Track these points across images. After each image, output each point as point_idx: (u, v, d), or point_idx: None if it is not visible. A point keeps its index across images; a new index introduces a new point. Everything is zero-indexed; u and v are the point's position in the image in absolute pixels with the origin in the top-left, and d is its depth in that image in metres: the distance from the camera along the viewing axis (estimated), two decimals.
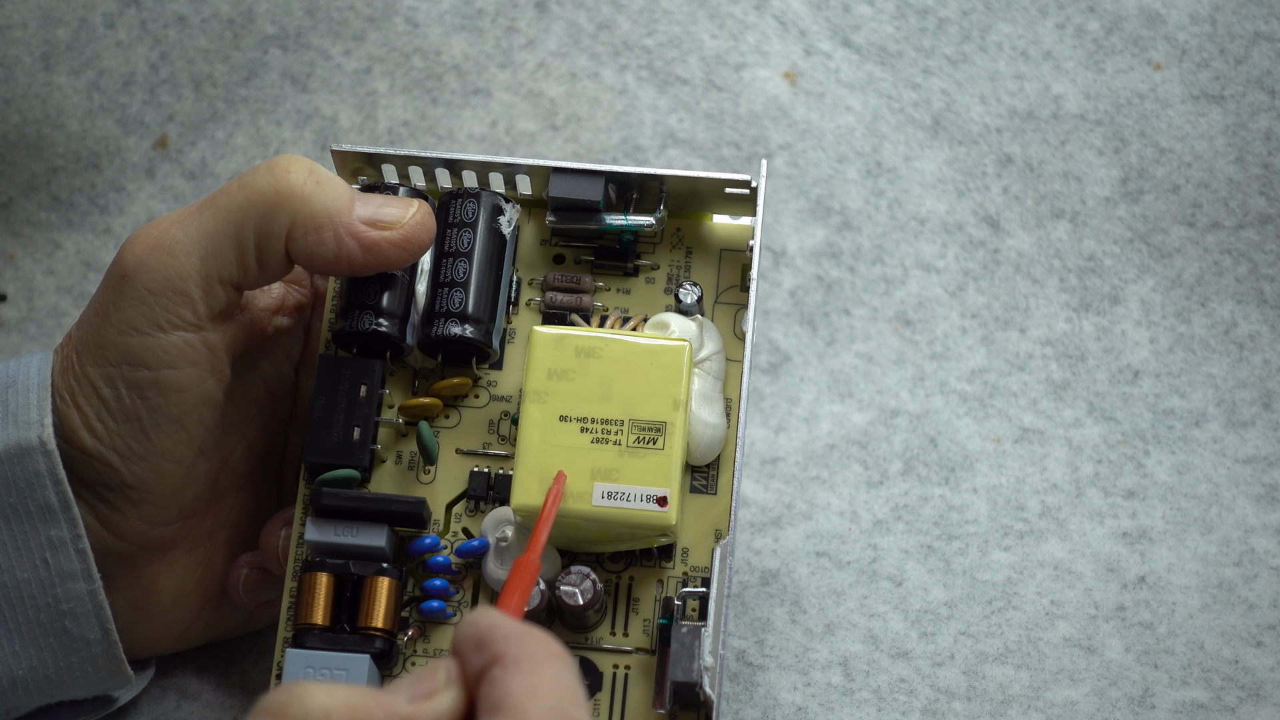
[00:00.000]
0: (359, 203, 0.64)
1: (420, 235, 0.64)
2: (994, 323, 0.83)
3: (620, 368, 0.64)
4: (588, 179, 0.67)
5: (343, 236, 0.63)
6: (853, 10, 0.89)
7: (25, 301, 0.85)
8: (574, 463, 0.62)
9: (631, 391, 0.63)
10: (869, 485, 0.79)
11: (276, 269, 0.64)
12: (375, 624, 0.62)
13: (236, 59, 0.88)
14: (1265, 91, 0.85)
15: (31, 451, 0.63)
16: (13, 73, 0.86)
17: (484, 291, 0.66)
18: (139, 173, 0.87)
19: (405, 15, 0.88)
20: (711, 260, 0.69)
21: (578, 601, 0.61)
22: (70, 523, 0.63)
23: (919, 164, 0.86)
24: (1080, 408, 0.81)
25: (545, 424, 0.63)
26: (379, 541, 0.63)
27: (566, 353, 0.64)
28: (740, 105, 0.87)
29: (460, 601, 0.64)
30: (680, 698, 0.60)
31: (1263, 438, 0.80)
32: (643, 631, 0.62)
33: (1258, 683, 0.73)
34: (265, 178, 0.63)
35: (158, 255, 0.63)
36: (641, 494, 0.62)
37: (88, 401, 0.63)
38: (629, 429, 0.63)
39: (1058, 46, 0.87)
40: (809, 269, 0.84)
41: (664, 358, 0.64)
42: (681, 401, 0.63)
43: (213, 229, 0.63)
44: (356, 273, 0.65)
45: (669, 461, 0.62)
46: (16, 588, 0.63)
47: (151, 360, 0.63)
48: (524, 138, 0.87)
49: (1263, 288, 0.83)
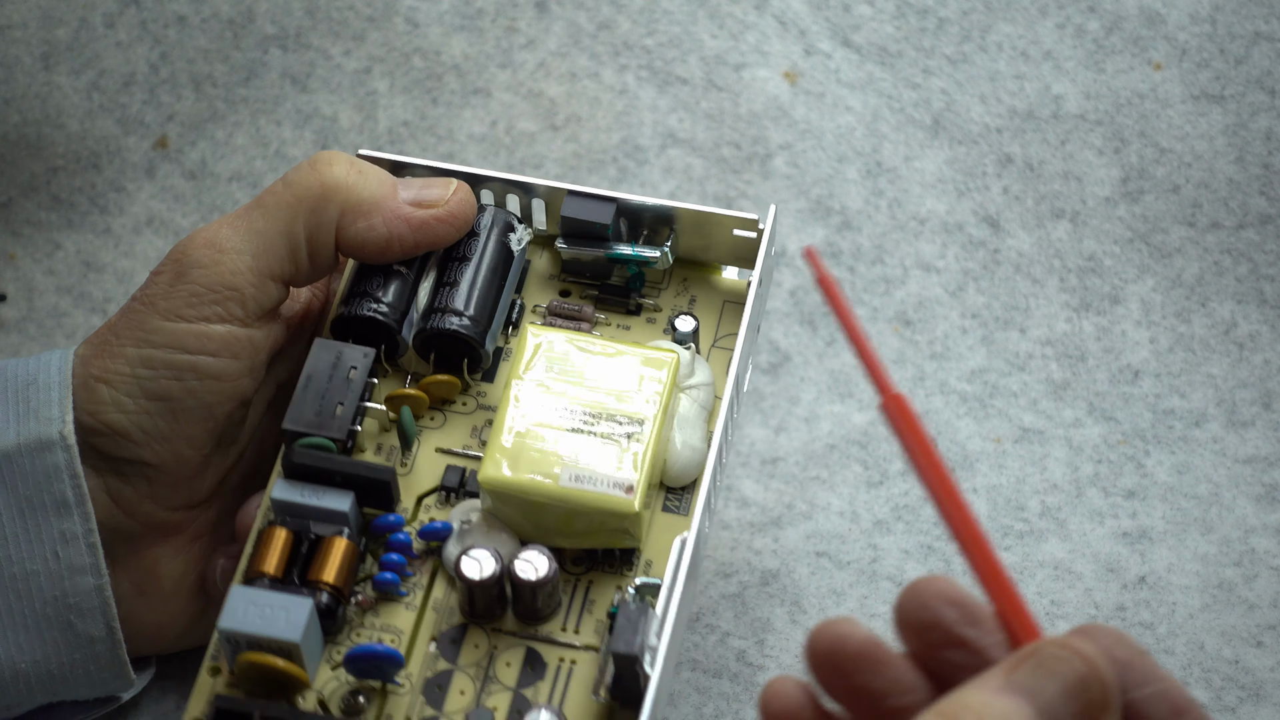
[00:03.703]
0: (401, 187, 0.66)
1: (464, 210, 0.67)
2: (994, 323, 0.83)
3: (608, 368, 0.64)
4: (599, 203, 0.68)
5: (392, 220, 0.66)
6: (853, 10, 0.89)
7: (25, 301, 0.85)
8: (548, 445, 0.63)
9: (615, 389, 0.64)
10: (869, 485, 0.79)
11: (326, 263, 0.66)
12: (325, 578, 0.62)
13: (236, 59, 0.88)
14: (1265, 91, 0.85)
15: (51, 446, 0.64)
16: (13, 73, 0.86)
17: (484, 296, 0.66)
18: (139, 173, 0.87)
19: (405, 15, 0.89)
20: (714, 308, 0.69)
21: (530, 577, 0.61)
22: (84, 517, 0.64)
23: (919, 164, 0.86)
24: (1080, 408, 0.81)
25: (525, 405, 0.63)
26: (343, 506, 0.63)
27: (557, 350, 0.65)
28: (740, 105, 0.87)
29: (415, 584, 0.63)
30: (620, 680, 0.59)
31: (1263, 438, 0.80)
32: (594, 631, 0.62)
33: (1258, 683, 0.73)
34: (309, 174, 0.65)
35: (211, 254, 0.65)
36: (609, 480, 0.62)
37: (121, 379, 0.64)
38: (606, 420, 0.63)
39: (1058, 46, 0.87)
40: (809, 269, 0.85)
41: (652, 364, 0.64)
42: (662, 404, 0.63)
43: (263, 228, 0.65)
44: (408, 254, 0.66)
45: (641, 456, 0.62)
46: (26, 580, 0.63)
47: (194, 345, 0.64)
48: (524, 138, 0.87)
49: (1263, 288, 0.83)
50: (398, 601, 0.63)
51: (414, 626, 0.63)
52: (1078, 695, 0.46)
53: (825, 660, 0.49)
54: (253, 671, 0.61)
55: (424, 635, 0.63)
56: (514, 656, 0.62)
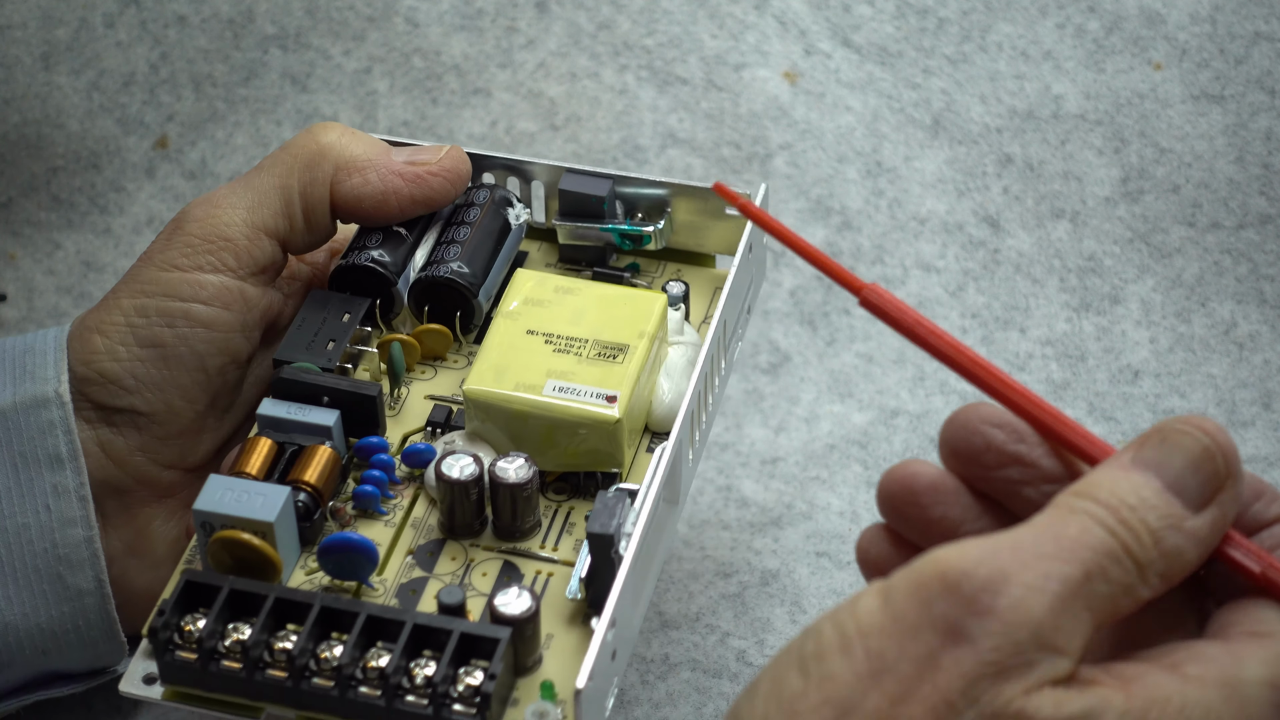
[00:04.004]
0: (393, 152, 0.68)
1: (459, 167, 0.68)
2: (994, 323, 0.83)
3: (595, 304, 0.66)
4: (597, 180, 0.70)
5: (386, 174, 0.67)
6: (853, 10, 0.89)
7: (25, 301, 0.85)
8: (533, 364, 0.63)
9: (601, 322, 0.65)
10: (869, 485, 0.79)
11: (321, 224, 0.67)
12: (306, 478, 0.62)
13: (236, 59, 0.88)
14: (1265, 91, 0.85)
15: (47, 403, 0.65)
16: (13, 73, 0.86)
17: (480, 255, 0.68)
18: (139, 173, 0.87)
19: (405, 15, 0.89)
20: (705, 294, 0.70)
21: (510, 479, 0.61)
22: (76, 471, 0.64)
23: (919, 164, 0.86)
24: (1080, 408, 0.81)
25: (511, 334, 0.65)
26: (328, 421, 0.63)
27: (545, 288, 0.66)
28: (740, 105, 0.87)
29: (396, 506, 0.64)
30: (594, 572, 0.59)
31: (1263, 438, 0.80)
32: (572, 550, 0.63)
33: None
34: (304, 137, 0.68)
35: (206, 209, 0.66)
36: (592, 392, 0.63)
37: (115, 328, 0.65)
38: (592, 346, 0.64)
39: (1058, 46, 0.87)
40: (809, 269, 0.85)
41: (639, 302, 0.66)
42: (648, 333, 0.64)
43: (258, 184, 0.67)
44: (405, 211, 0.68)
45: (625, 371, 0.63)
46: (17, 533, 0.64)
47: (187, 293, 0.65)
48: (524, 138, 0.87)
49: (1263, 288, 0.83)
50: (376, 519, 0.63)
51: (392, 540, 0.63)
52: (1202, 466, 0.49)
53: (900, 499, 0.52)
54: (225, 553, 0.60)
55: (401, 549, 0.63)
56: (490, 568, 0.62)
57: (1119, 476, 0.49)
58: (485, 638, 0.57)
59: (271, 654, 0.58)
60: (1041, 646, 0.46)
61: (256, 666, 0.58)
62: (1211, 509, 0.49)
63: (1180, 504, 0.49)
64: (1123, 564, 0.48)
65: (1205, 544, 0.49)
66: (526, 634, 0.58)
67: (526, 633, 0.58)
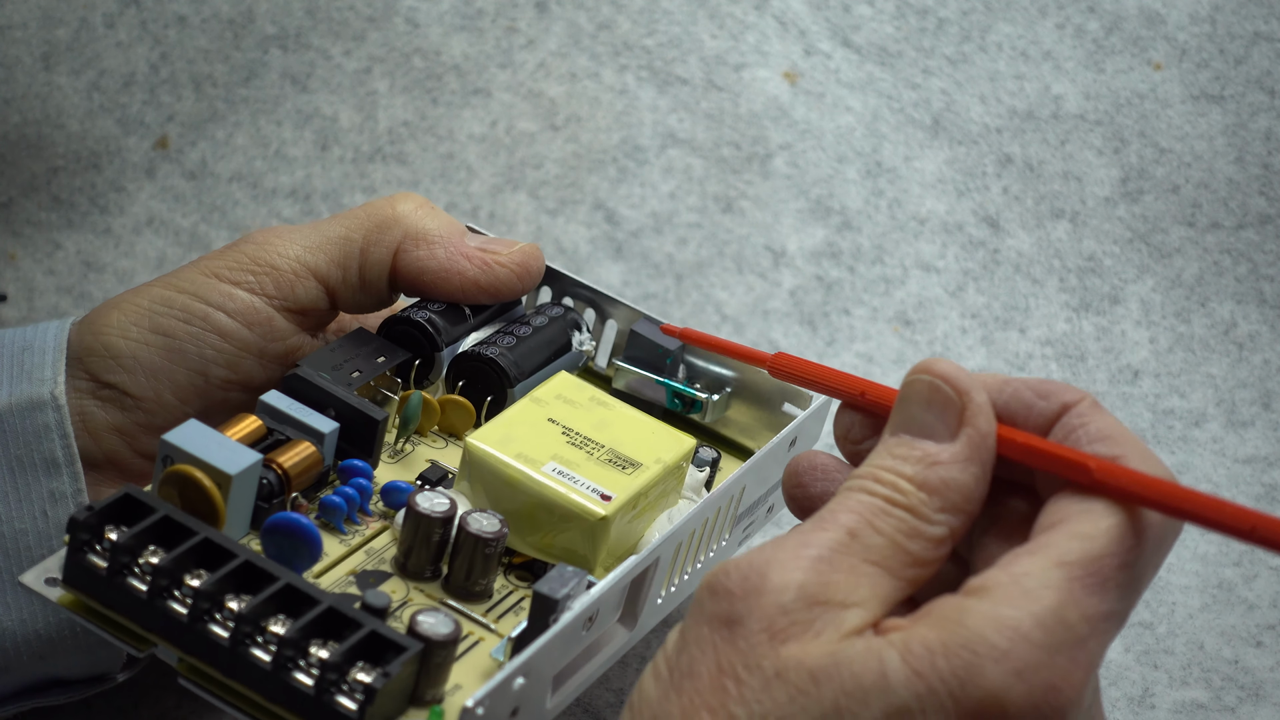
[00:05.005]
0: (468, 236, 0.68)
1: (530, 264, 0.68)
2: (994, 323, 0.83)
3: (624, 422, 0.65)
4: (669, 338, 0.69)
5: (454, 253, 0.67)
6: (853, 10, 0.89)
7: (25, 301, 0.85)
8: (543, 444, 0.63)
9: (624, 438, 0.64)
10: None
11: (376, 286, 0.67)
12: (280, 461, 0.61)
13: (236, 59, 0.88)
14: (1265, 91, 0.85)
15: (42, 406, 0.65)
16: (13, 73, 0.86)
17: (533, 356, 0.67)
18: (139, 173, 0.87)
19: (405, 15, 0.89)
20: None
21: (479, 531, 0.60)
22: (73, 477, 0.64)
23: (919, 164, 0.86)
24: None
25: (532, 414, 0.64)
26: (324, 428, 0.63)
27: (582, 393, 0.65)
28: (740, 105, 0.87)
29: (359, 532, 0.63)
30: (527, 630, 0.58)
31: (1263, 438, 0.80)
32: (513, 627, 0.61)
33: (1258, 683, 0.73)
34: (384, 201, 0.68)
35: (266, 235, 0.67)
36: (590, 485, 0.62)
37: (134, 308, 0.66)
38: (606, 451, 0.63)
39: (1058, 46, 0.87)
40: (809, 269, 0.85)
41: (668, 436, 0.65)
42: (665, 462, 0.63)
43: (324, 229, 0.67)
44: (468, 293, 0.67)
45: (630, 482, 0.62)
46: (14, 539, 0.64)
47: (215, 299, 0.65)
48: (524, 138, 0.87)
49: (1263, 288, 0.83)
50: (334, 534, 0.62)
51: (341, 555, 0.61)
52: (934, 400, 0.53)
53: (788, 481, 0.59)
54: (174, 490, 0.59)
55: (346, 565, 0.61)
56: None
57: (877, 450, 0.53)
58: (395, 644, 0.55)
59: (179, 587, 0.56)
60: (813, 604, 0.50)
61: (159, 593, 0.56)
62: (965, 430, 0.53)
63: (932, 443, 0.53)
64: (890, 514, 0.52)
65: (974, 461, 0.52)
66: (436, 660, 0.56)
67: (436, 659, 0.56)
